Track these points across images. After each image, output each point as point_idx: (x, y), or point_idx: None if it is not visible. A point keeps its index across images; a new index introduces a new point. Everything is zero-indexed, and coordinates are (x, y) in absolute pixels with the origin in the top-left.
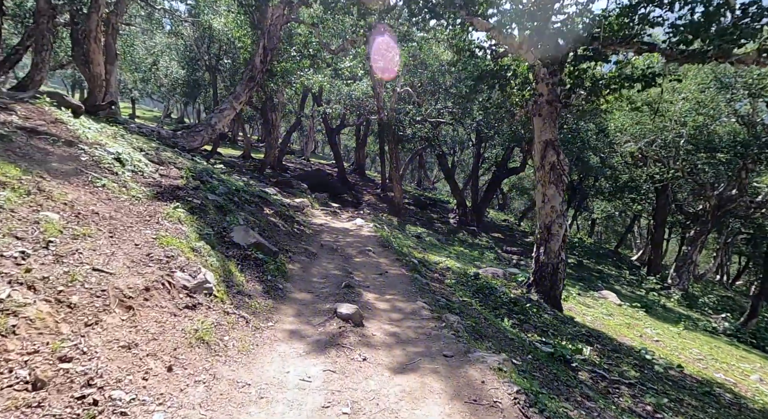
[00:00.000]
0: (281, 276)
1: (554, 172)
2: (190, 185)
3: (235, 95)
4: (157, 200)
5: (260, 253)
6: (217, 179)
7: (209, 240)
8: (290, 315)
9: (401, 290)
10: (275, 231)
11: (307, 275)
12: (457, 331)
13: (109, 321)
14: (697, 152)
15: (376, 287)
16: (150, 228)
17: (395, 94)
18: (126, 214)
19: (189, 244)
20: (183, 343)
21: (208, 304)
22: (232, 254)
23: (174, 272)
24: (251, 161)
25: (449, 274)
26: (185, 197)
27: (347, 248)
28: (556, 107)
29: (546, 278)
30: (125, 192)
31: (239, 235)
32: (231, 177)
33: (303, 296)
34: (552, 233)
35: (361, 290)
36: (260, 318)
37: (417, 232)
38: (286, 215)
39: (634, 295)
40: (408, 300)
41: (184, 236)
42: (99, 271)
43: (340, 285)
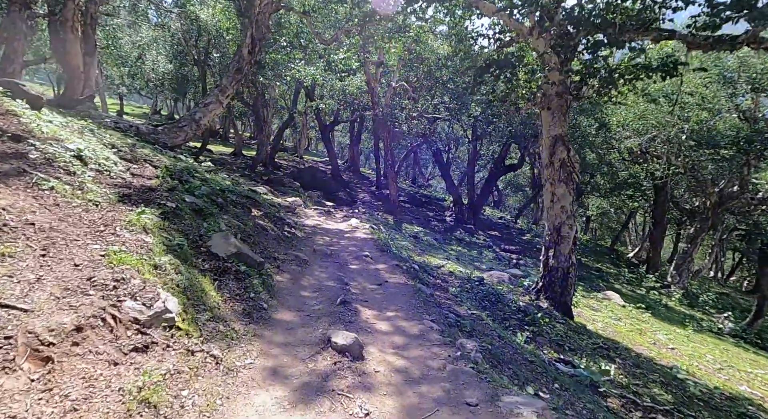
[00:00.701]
0: (266, 292)
1: (564, 169)
2: (165, 186)
3: (221, 88)
4: (122, 204)
5: (242, 264)
6: (200, 178)
7: (180, 252)
8: (274, 344)
9: (404, 304)
10: (263, 236)
11: (297, 288)
12: (476, 363)
13: (9, 385)
14: (700, 147)
15: (376, 301)
16: (101, 242)
17: (390, 89)
18: (73, 224)
19: (151, 260)
20: (117, 413)
21: (166, 341)
22: (208, 267)
23: (122, 300)
24: (242, 159)
25: (452, 280)
26: (157, 199)
27: (342, 253)
28: (566, 99)
29: (556, 284)
30: (80, 196)
31: (218, 244)
32: (218, 176)
33: (291, 317)
34: (562, 235)
35: (358, 305)
36: (236, 353)
37: (414, 231)
38: (276, 216)
39: (635, 294)
40: (413, 318)
41: (145, 250)
42: (8, 308)
43: (335, 301)
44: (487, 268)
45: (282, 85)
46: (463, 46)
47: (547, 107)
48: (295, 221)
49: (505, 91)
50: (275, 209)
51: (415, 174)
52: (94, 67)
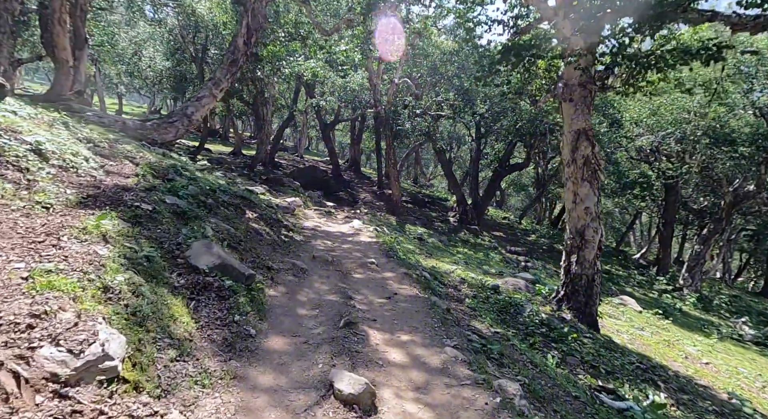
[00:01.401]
0: (256, 312)
1: (588, 167)
2: (142, 185)
3: (214, 81)
4: (82, 206)
5: (227, 278)
6: (189, 176)
7: (147, 267)
8: (260, 390)
9: (419, 323)
10: (256, 241)
11: (294, 304)
12: (522, 414)
13: None
14: (717, 145)
15: (386, 320)
16: (32, 257)
17: (393, 86)
18: (1, 233)
19: (99, 281)
20: None
21: (98, 406)
22: (184, 283)
23: (37, 347)
24: (242, 158)
25: (465, 288)
26: (131, 201)
27: (345, 260)
28: (590, 89)
29: (579, 293)
30: (24, 197)
31: (198, 253)
32: (211, 175)
33: (284, 346)
34: (586, 239)
35: (366, 327)
36: (204, 412)
37: (418, 232)
38: (273, 218)
39: (648, 298)
40: (432, 343)
41: (95, 267)
42: None
43: (338, 322)
44: (496, 272)
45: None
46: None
47: (569, 99)
48: (294, 224)
49: (522, 81)
50: (272, 211)
51: (416, 174)
52: (84, 62)
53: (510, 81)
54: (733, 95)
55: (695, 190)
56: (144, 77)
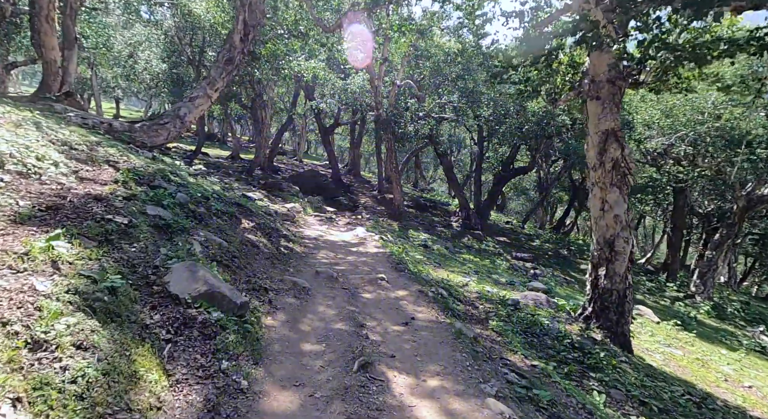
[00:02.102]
0: (249, 352)
1: (617, 171)
2: (120, 194)
3: (209, 81)
4: (36, 223)
5: (215, 309)
6: (179, 183)
7: (110, 302)
8: None
9: (447, 360)
10: (252, 256)
11: (296, 335)
12: None
13: None
14: (732, 147)
15: (407, 356)
16: None
17: (394, 88)
18: None
19: (26, 334)
20: None
21: None
22: (158, 321)
23: None
24: (240, 162)
25: (483, 304)
26: (102, 213)
27: (351, 275)
28: (620, 86)
29: (610, 310)
30: None
31: (180, 279)
32: (206, 180)
33: (284, 405)
34: (616, 250)
35: (384, 368)
36: None
37: (422, 239)
38: (271, 228)
39: (661, 306)
40: (468, 392)
41: (24, 313)
42: None
43: (350, 361)
44: (507, 281)
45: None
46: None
47: (595, 97)
48: (294, 233)
49: (540, 79)
50: (270, 219)
51: (416, 177)
52: (74, 63)
53: (529, 78)
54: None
55: (701, 194)
56: (140, 80)
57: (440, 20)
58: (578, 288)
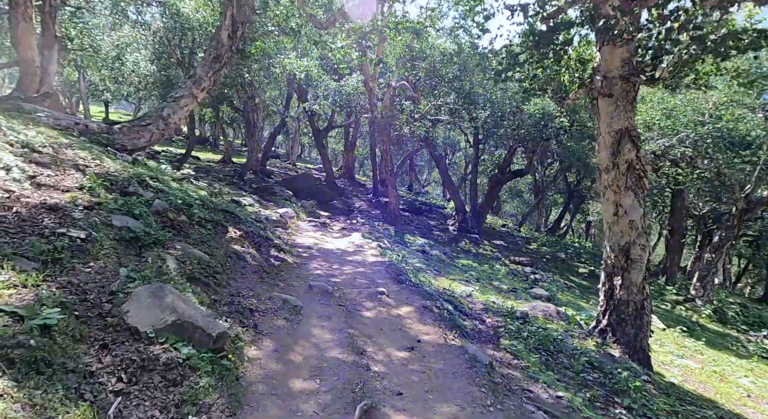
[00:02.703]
0: (224, 399)
1: (632, 173)
2: (81, 202)
3: (195, 80)
4: None
5: (184, 343)
6: (158, 188)
7: (40, 345)
8: None
9: (462, 396)
10: (237, 271)
11: (284, 369)
12: None
13: None
14: (733, 149)
15: (416, 392)
16: None
17: (390, 90)
18: None
19: None
20: None
21: None
22: (107, 366)
23: None
24: (231, 166)
25: (490, 317)
26: (54, 227)
27: (348, 289)
28: (634, 83)
29: (627, 323)
30: None
31: (142, 307)
32: (193, 185)
33: None
34: (632, 258)
35: (390, 411)
36: None
37: (419, 244)
38: (261, 236)
39: (662, 310)
40: None
41: None
42: None
43: (349, 404)
44: (509, 288)
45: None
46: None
47: (608, 94)
48: (286, 241)
49: (547, 76)
50: (260, 226)
51: (411, 181)
52: (55, 63)
53: (536, 75)
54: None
55: (696, 196)
56: (129, 83)
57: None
58: (579, 294)
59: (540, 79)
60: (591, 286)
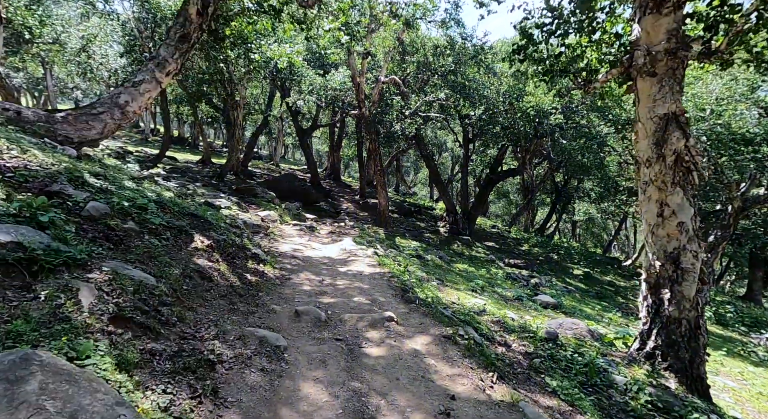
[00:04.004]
0: None
1: (680, 166)
2: None
3: (158, 61)
4: None
5: None
6: (100, 188)
7: None
8: None
9: None
10: (198, 296)
11: None
12: None
13: None
14: (735, 145)
15: None
16: None
17: (378, 85)
18: None
19: None
20: None
21: None
22: None
23: None
24: (211, 167)
25: (515, 340)
26: None
27: (346, 314)
28: (682, 58)
29: (680, 346)
30: None
31: None
32: (158, 185)
33: None
34: (683, 267)
35: None
36: None
37: (412, 247)
38: (236, 246)
39: None
40: None
41: None
42: None
43: None
44: (514, 296)
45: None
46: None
47: (650, 73)
48: (267, 249)
49: (574, 55)
50: (236, 233)
51: (398, 182)
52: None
53: (561, 53)
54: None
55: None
56: (99, 78)
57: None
58: (580, 298)
59: (564, 58)
60: (589, 289)
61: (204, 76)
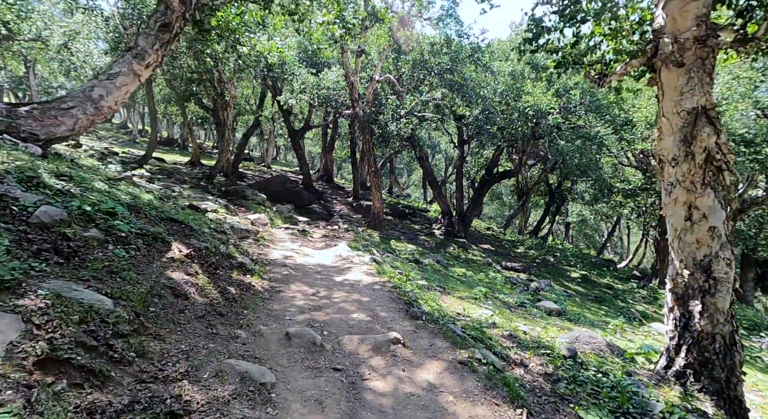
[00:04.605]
0: None
1: (710, 165)
2: None
3: (136, 52)
4: None
5: None
6: (61, 190)
7: None
8: None
9: None
10: (168, 320)
11: None
12: None
13: None
14: (734, 146)
15: None
16: None
17: (372, 84)
18: None
19: None
20: None
21: None
22: None
23: None
24: (200, 168)
25: (530, 358)
26: None
27: (345, 336)
28: (712, 47)
29: (714, 364)
30: None
31: None
32: (137, 187)
33: None
34: (716, 277)
35: None
36: None
37: (409, 251)
38: (219, 254)
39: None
40: None
41: None
42: None
43: None
44: (518, 303)
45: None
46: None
47: (678, 63)
48: (255, 257)
49: (587, 46)
50: (220, 239)
51: (391, 183)
52: None
53: (577, 42)
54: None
55: None
56: (83, 77)
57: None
58: (580, 301)
59: (581, 48)
60: (588, 292)
61: (193, 75)
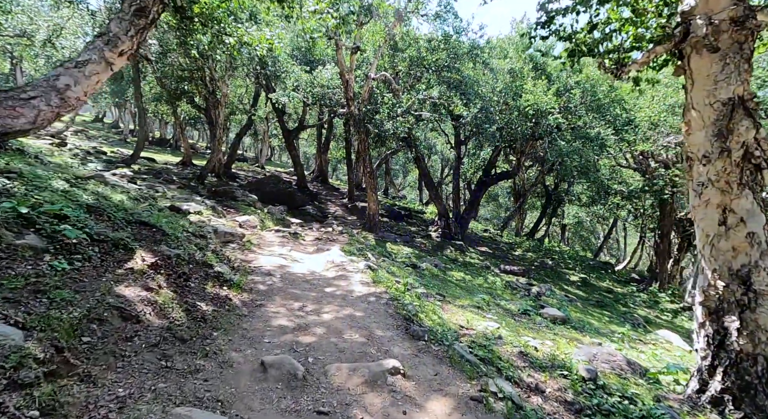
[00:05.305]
0: None
1: (748, 163)
2: None
3: (108, 39)
4: None
5: None
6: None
7: None
8: None
9: None
10: (106, 350)
11: None
12: None
13: None
14: None
15: None
16: None
17: (368, 82)
18: None
19: None
20: None
21: None
22: None
23: None
24: (192, 169)
25: (546, 381)
26: None
27: (333, 364)
28: (751, 29)
29: (756, 389)
30: None
31: None
32: (109, 186)
33: None
34: (756, 289)
35: None
36: None
37: (405, 254)
38: (194, 262)
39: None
40: None
41: None
42: None
43: None
44: (521, 311)
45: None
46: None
47: (711, 48)
48: (237, 264)
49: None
50: (198, 244)
51: (387, 185)
52: None
53: (596, 26)
54: None
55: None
56: None
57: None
58: (582, 307)
59: (598, 37)
60: (589, 297)
61: (184, 72)
